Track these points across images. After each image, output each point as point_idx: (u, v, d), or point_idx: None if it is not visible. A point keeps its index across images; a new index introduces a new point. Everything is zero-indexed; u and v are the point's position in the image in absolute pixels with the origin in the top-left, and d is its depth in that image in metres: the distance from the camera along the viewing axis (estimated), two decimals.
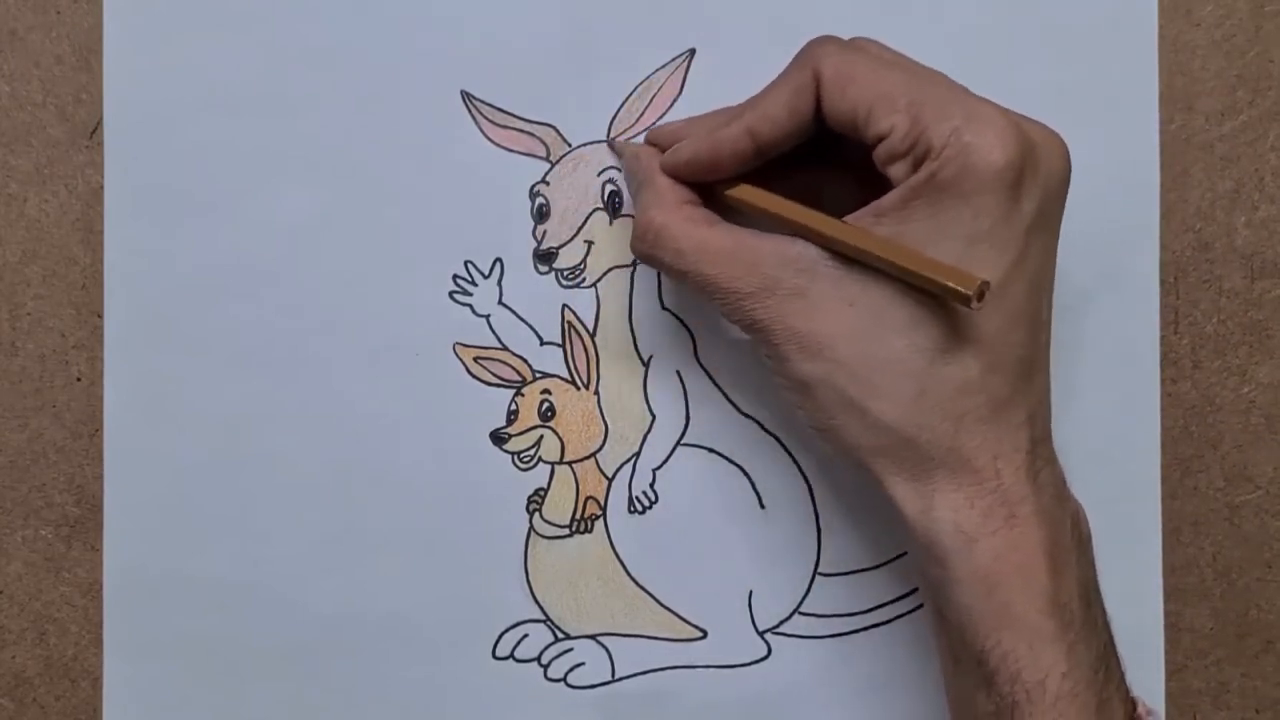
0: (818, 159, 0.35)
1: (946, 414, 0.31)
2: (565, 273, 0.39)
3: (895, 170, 0.31)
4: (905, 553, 0.39)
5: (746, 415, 0.39)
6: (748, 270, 0.32)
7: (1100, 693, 0.31)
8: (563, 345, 0.39)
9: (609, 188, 0.39)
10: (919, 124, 0.31)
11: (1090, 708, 0.30)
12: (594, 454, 0.39)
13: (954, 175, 0.30)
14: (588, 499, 0.39)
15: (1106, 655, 0.32)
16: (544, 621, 0.39)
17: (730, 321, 0.33)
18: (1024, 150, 0.30)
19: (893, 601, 0.39)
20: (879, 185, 0.32)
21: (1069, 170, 0.32)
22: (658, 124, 0.38)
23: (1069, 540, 0.32)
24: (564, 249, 0.39)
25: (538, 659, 0.39)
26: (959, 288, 0.29)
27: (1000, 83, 0.39)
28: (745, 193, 0.34)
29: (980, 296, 0.29)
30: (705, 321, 0.39)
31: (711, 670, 0.39)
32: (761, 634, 0.39)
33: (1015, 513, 0.31)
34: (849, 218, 0.32)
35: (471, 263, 0.39)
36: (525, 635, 0.39)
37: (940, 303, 0.31)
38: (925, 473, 0.31)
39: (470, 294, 0.39)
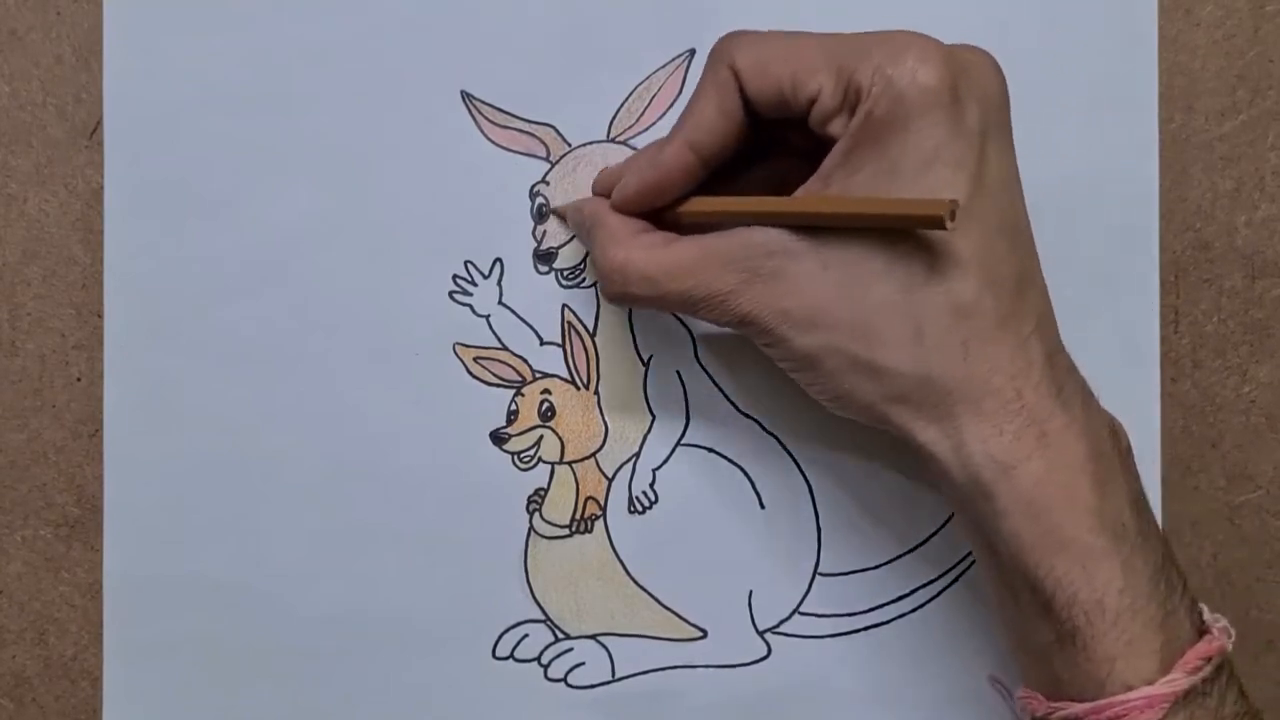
0: (755, 162, 0.35)
1: (950, 343, 0.30)
2: (565, 273, 0.39)
3: (834, 128, 0.31)
4: (905, 553, 0.39)
5: (746, 415, 0.39)
6: (721, 270, 0.32)
7: (1164, 604, 0.30)
8: (563, 345, 0.39)
9: None
10: (843, 74, 0.31)
11: (1155, 621, 0.30)
12: (594, 454, 0.39)
13: (888, 108, 0.30)
14: (588, 499, 0.39)
15: (1166, 567, 0.31)
16: (544, 621, 0.39)
17: (720, 325, 0.33)
18: (951, 66, 0.30)
19: (893, 601, 0.39)
20: (820, 162, 0.32)
21: (1004, 82, 0.32)
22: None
23: (1110, 451, 0.31)
24: (564, 249, 0.39)
25: (538, 659, 0.39)
26: (928, 213, 0.29)
27: None
28: (694, 204, 0.34)
29: (952, 215, 0.28)
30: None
31: (711, 670, 0.39)
32: (761, 634, 0.39)
33: (1046, 430, 0.30)
34: (798, 190, 0.32)
35: (471, 263, 0.39)
36: (525, 635, 0.39)
37: (914, 238, 0.30)
38: (947, 410, 0.31)
39: (470, 294, 0.39)
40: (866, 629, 0.39)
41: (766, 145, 0.34)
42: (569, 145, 0.39)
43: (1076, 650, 0.30)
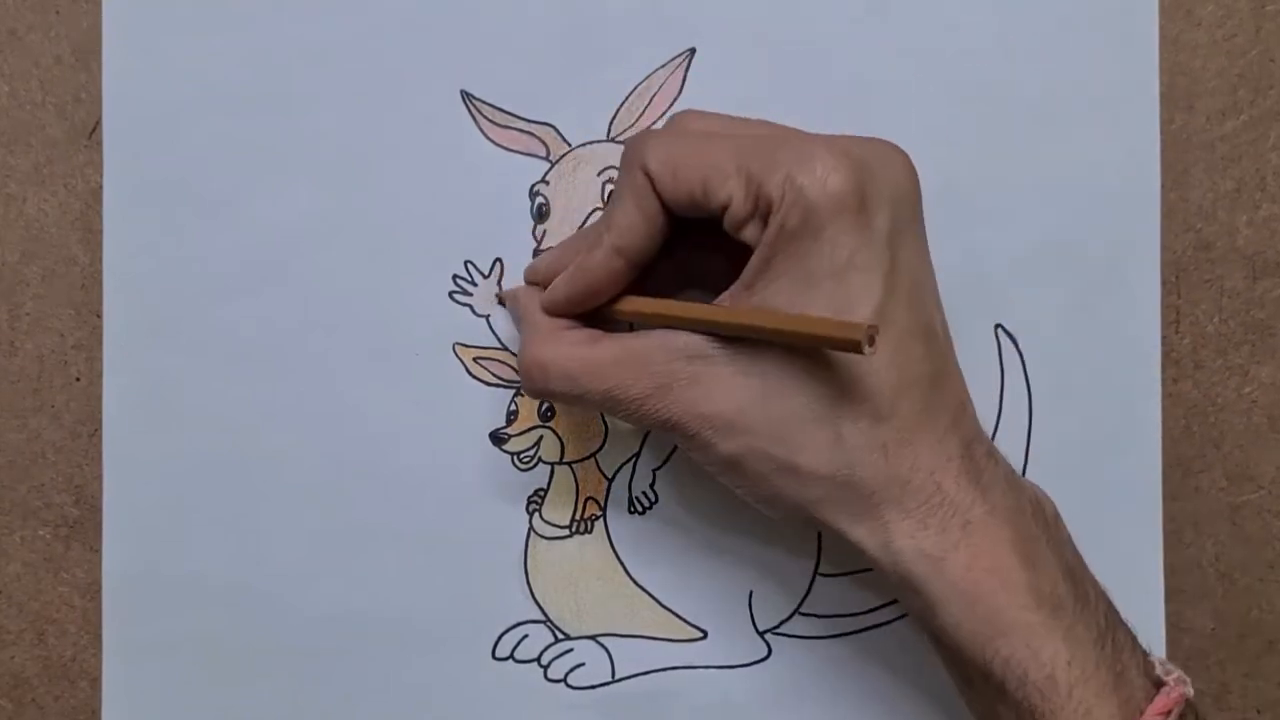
0: (674, 251, 0.35)
1: (870, 447, 0.31)
2: None
3: (748, 234, 0.32)
4: None
5: None
6: (639, 373, 0.32)
7: (1113, 667, 0.30)
8: None
9: (609, 188, 0.39)
10: (753, 183, 0.31)
11: (1107, 686, 0.30)
12: (594, 454, 0.39)
13: (800, 219, 0.30)
14: (588, 499, 0.39)
15: (1110, 628, 0.31)
16: (544, 622, 0.39)
17: (641, 428, 0.34)
18: (857, 171, 0.30)
19: (893, 602, 0.39)
20: (733, 253, 0.33)
21: (913, 177, 0.32)
22: (541, 252, 0.38)
23: (1034, 528, 0.32)
24: None
25: (538, 659, 0.39)
26: (846, 337, 0.29)
27: (1000, 83, 0.39)
28: (622, 304, 0.34)
29: (871, 341, 0.28)
30: None
31: (711, 670, 0.39)
32: (761, 634, 0.39)
33: (970, 519, 0.31)
34: (722, 296, 0.32)
35: (471, 263, 0.39)
36: (525, 636, 0.39)
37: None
38: (873, 509, 0.31)
39: (470, 294, 0.39)
40: (866, 629, 0.39)
41: (684, 235, 0.34)
42: (569, 145, 0.39)
43: None
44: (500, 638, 0.39)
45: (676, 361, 0.32)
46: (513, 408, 0.39)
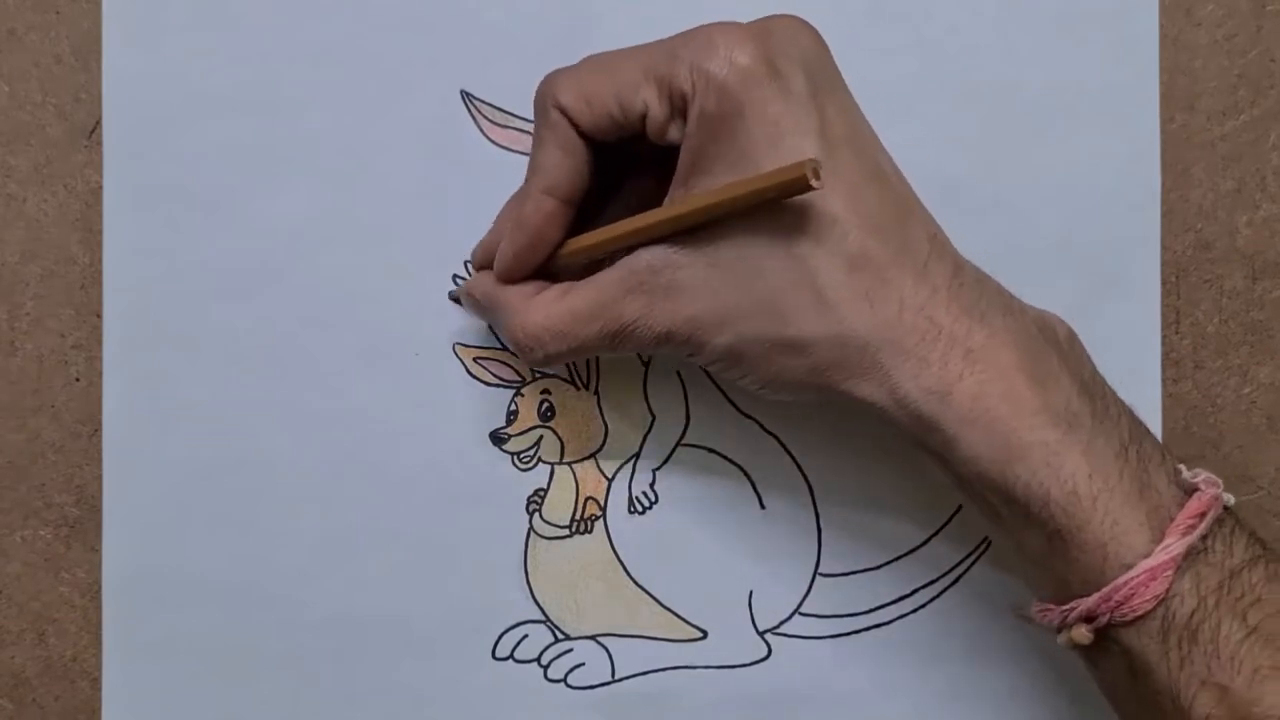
0: (622, 183, 0.35)
1: (853, 297, 0.31)
2: None
3: (673, 135, 0.32)
4: (905, 553, 0.39)
5: (746, 415, 0.39)
6: (621, 301, 0.33)
7: (1138, 477, 0.30)
8: None
9: None
10: (663, 84, 0.31)
11: (1133, 495, 0.30)
12: (594, 454, 0.39)
13: (717, 101, 0.31)
14: (587, 499, 0.39)
15: (1134, 439, 0.31)
16: (544, 622, 0.39)
17: (644, 352, 0.34)
18: (759, 42, 0.31)
19: (893, 602, 0.39)
20: (673, 167, 0.33)
21: (817, 37, 0.32)
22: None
23: (1042, 346, 0.32)
24: None
25: (538, 659, 0.39)
26: (792, 178, 0.29)
27: (1001, 82, 0.39)
28: (570, 246, 0.35)
29: (815, 174, 0.29)
30: None
31: (711, 670, 0.39)
32: (761, 634, 0.39)
33: (970, 347, 0.31)
34: (665, 202, 0.33)
35: (471, 263, 0.39)
36: (525, 636, 0.39)
37: (788, 212, 0.31)
38: (871, 360, 0.31)
39: None
40: (867, 629, 0.39)
41: (622, 164, 0.35)
42: None
43: (1069, 546, 0.30)
44: (500, 638, 0.39)
45: (648, 278, 0.32)
46: (513, 408, 0.39)
